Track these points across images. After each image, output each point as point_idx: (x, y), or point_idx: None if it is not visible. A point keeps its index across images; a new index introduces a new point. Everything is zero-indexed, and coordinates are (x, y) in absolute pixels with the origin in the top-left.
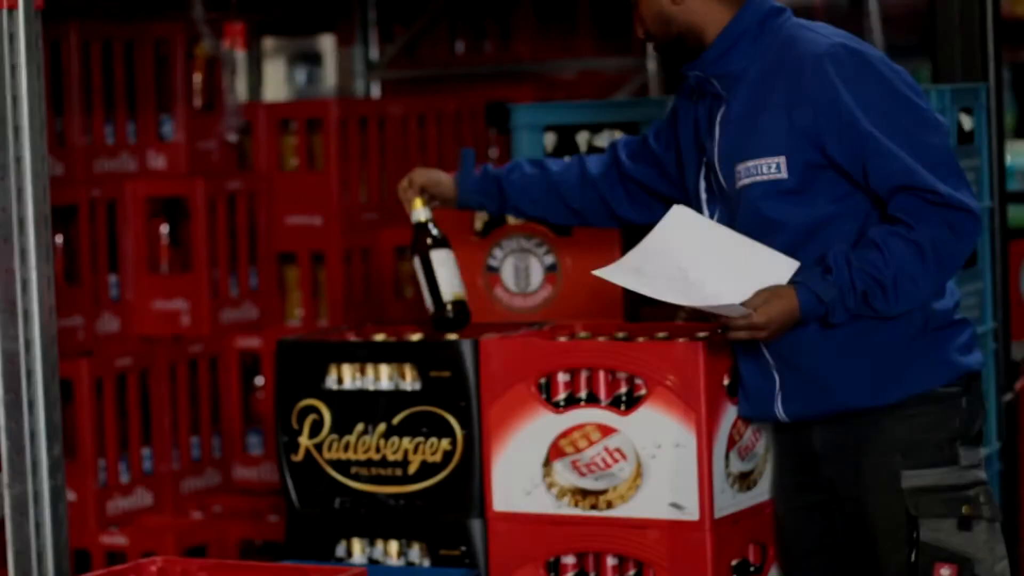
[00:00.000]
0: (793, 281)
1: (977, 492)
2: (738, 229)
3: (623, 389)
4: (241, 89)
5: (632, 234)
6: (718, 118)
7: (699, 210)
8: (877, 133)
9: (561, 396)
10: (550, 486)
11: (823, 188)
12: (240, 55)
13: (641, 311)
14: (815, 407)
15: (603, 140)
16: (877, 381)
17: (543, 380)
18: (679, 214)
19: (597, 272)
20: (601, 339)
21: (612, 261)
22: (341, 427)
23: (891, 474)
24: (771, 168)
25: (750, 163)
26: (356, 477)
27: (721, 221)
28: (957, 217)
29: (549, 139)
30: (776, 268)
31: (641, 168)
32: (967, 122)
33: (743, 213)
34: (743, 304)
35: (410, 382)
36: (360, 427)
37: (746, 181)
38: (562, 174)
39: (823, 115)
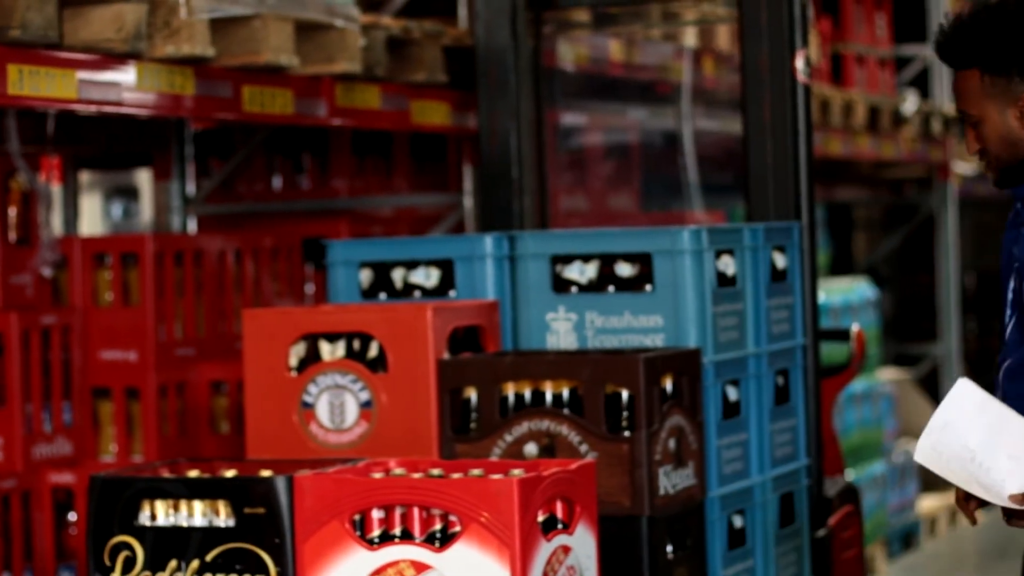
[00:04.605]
0: None
1: None
2: None
3: (437, 526)
4: (57, 223)
5: None
6: None
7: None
8: None
9: (375, 533)
10: None
11: None
12: (56, 189)
13: (456, 448)
14: None
15: (419, 276)
16: None
17: (357, 517)
18: (963, 388)
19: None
20: (416, 476)
21: (427, 400)
22: (154, 564)
23: None
24: None
25: None
26: None
27: (1015, 325)
28: None
29: (365, 275)
30: None
31: None
32: (780, 260)
33: None
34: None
35: (224, 519)
36: (173, 564)
37: None
38: None
39: None
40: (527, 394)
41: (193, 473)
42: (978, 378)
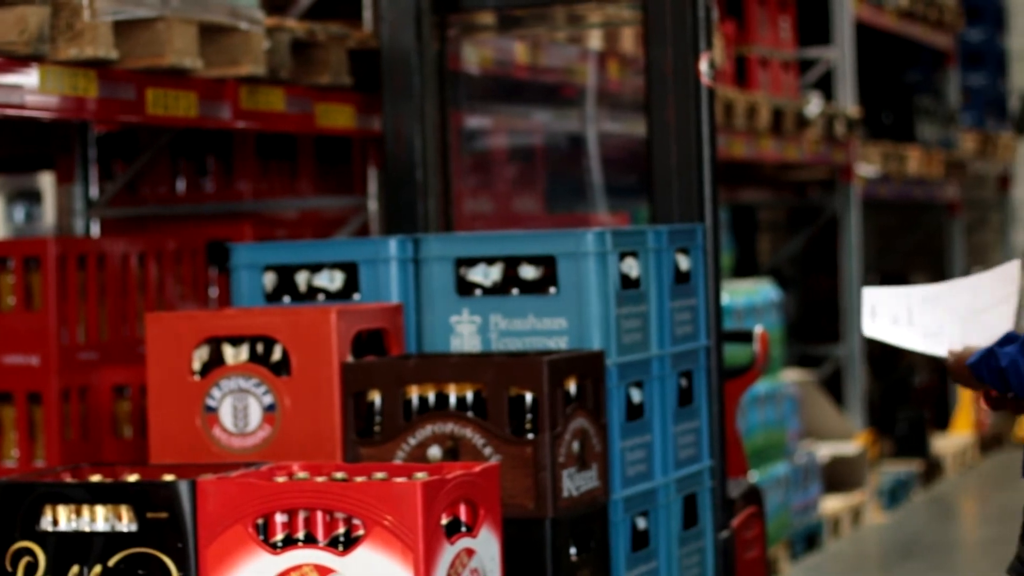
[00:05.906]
0: None
1: None
2: None
3: (341, 529)
4: None
5: None
6: None
7: None
8: None
9: (279, 537)
10: None
11: None
12: None
13: (360, 452)
14: None
15: (323, 280)
16: None
17: (260, 521)
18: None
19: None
20: (319, 479)
21: (330, 403)
22: (56, 570)
23: None
24: None
25: None
26: None
27: None
28: None
29: (269, 278)
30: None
31: None
32: (684, 262)
33: None
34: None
35: (126, 523)
36: (75, 569)
37: None
38: None
39: None
40: (431, 397)
41: (95, 478)
42: (881, 379)
